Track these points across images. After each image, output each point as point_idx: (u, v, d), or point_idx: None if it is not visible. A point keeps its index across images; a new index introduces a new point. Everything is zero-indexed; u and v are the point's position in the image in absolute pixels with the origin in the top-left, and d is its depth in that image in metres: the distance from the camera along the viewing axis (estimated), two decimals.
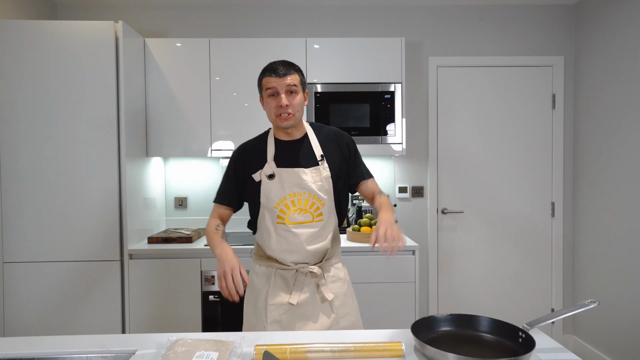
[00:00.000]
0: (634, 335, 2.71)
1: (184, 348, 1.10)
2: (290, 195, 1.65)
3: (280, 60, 1.67)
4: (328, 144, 1.74)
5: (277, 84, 1.60)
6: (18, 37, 2.53)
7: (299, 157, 1.69)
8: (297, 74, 1.65)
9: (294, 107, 1.62)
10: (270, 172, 1.66)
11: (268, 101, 1.64)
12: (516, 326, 1.18)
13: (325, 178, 1.68)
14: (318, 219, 1.68)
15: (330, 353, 1.11)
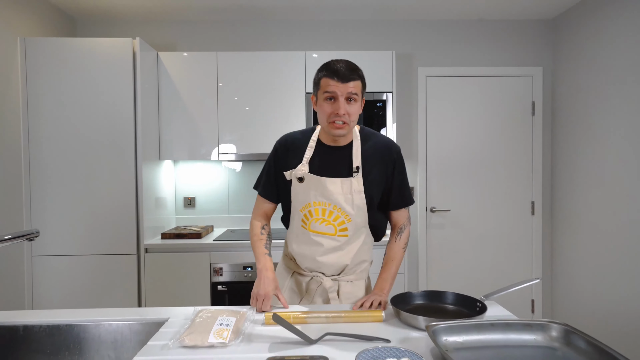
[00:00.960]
0: (610, 324, 2.99)
1: (209, 314, 1.37)
2: (315, 203, 1.57)
3: (343, 60, 1.51)
4: (372, 156, 1.59)
5: (337, 89, 1.45)
6: (48, 52, 2.80)
7: (333, 166, 1.58)
8: (360, 81, 1.50)
9: (351, 117, 1.49)
10: (301, 175, 1.57)
11: (323, 105, 1.50)
12: (475, 298, 1.46)
13: (356, 191, 1.55)
14: (342, 234, 1.59)
15: (324, 318, 1.39)
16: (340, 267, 1.65)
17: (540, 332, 1.21)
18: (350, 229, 1.59)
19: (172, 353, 1.17)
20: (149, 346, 1.22)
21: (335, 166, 1.57)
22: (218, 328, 1.27)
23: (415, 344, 1.21)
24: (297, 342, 1.24)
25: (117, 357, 1.43)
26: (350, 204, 1.56)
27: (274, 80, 3.19)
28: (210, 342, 1.21)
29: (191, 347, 1.20)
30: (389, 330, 1.33)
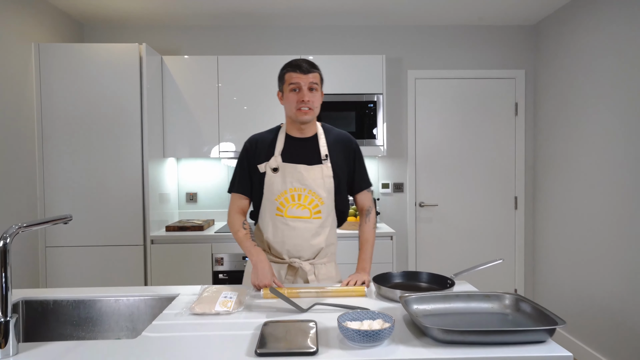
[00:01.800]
0: (587, 309, 3.21)
1: (214, 289, 1.58)
2: (291, 190, 1.72)
3: (302, 58, 1.75)
4: (335, 146, 1.80)
5: (300, 80, 1.67)
6: (60, 57, 3.01)
7: (304, 155, 1.76)
8: (318, 73, 1.73)
9: (314, 103, 1.71)
10: (275, 165, 1.73)
11: (289, 95, 1.71)
12: (446, 276, 1.67)
13: (326, 177, 1.74)
14: (316, 216, 1.75)
15: (315, 293, 1.60)
16: (316, 250, 1.80)
17: (497, 301, 1.42)
18: (323, 212, 1.76)
19: (184, 319, 1.38)
20: (164, 314, 1.43)
21: (305, 155, 1.76)
22: (223, 299, 1.48)
23: (391, 312, 1.42)
24: (290, 311, 1.45)
25: (134, 328, 1.63)
26: (322, 188, 1.74)
27: (271, 83, 3.38)
28: (217, 310, 1.42)
29: (200, 315, 1.41)
30: (370, 302, 1.54)
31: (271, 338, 1.19)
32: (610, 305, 2.87)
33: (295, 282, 1.81)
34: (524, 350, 1.13)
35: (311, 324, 1.29)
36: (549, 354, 1.11)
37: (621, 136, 2.79)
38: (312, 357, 1.11)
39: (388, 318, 1.24)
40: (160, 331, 1.28)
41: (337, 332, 1.25)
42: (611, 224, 2.86)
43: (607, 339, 2.91)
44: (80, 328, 1.62)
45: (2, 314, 1.09)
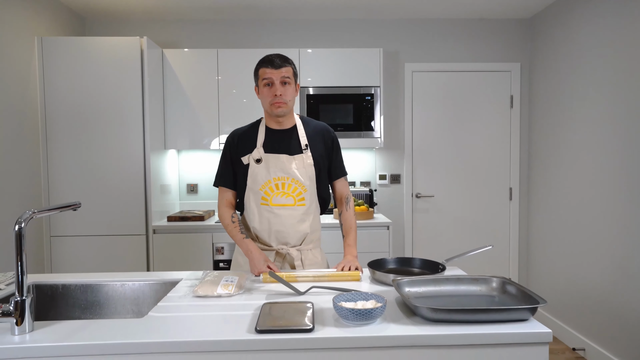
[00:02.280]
0: (579, 297, 3.30)
1: (216, 274, 1.66)
2: (275, 179, 1.80)
3: (275, 53, 1.81)
4: (314, 136, 1.88)
5: (272, 75, 1.74)
6: (63, 50, 3.07)
7: (285, 145, 1.83)
8: (291, 67, 1.78)
9: (287, 97, 1.76)
10: (258, 156, 1.80)
11: (263, 90, 1.78)
12: (438, 262, 1.75)
13: (307, 165, 1.82)
14: (300, 203, 1.83)
15: (312, 277, 1.67)
16: (302, 236, 1.87)
17: (484, 284, 1.50)
18: (306, 199, 1.84)
19: (188, 301, 1.46)
20: (168, 297, 1.50)
21: (287, 145, 1.84)
22: (224, 283, 1.55)
23: (385, 295, 1.49)
24: (288, 293, 1.52)
25: (139, 311, 1.71)
26: (305, 176, 1.82)
27: None
28: (218, 292, 1.49)
29: (203, 297, 1.49)
30: (364, 286, 1.62)
31: (270, 317, 1.27)
32: (600, 292, 2.95)
33: (283, 267, 1.88)
34: (507, 328, 1.20)
35: (308, 304, 1.36)
36: (530, 331, 1.19)
37: (614, 129, 2.85)
38: (309, 333, 1.18)
39: (380, 299, 1.31)
40: (165, 311, 1.36)
41: (332, 312, 1.33)
42: (602, 214, 2.94)
43: (597, 323, 3.00)
44: (88, 311, 1.69)
45: (18, 294, 1.16)
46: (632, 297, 2.68)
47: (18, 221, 1.16)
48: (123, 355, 1.14)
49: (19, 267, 1.16)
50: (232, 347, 1.16)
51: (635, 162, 2.66)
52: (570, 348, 3.23)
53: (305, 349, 1.17)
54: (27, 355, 1.12)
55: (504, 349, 1.19)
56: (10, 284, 1.64)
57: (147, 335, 1.17)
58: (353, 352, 1.18)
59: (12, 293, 1.58)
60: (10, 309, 1.14)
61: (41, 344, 1.12)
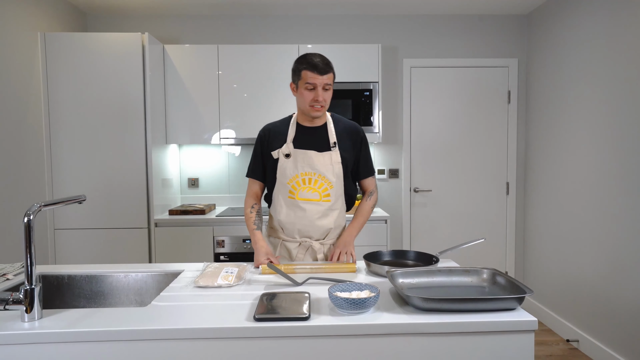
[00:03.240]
0: (573, 289, 3.36)
1: (216, 266, 1.71)
2: (302, 174, 1.87)
3: (319, 56, 1.84)
4: (343, 135, 1.94)
5: (316, 81, 1.79)
6: (65, 46, 3.11)
7: (314, 142, 1.90)
8: (332, 73, 1.84)
9: (326, 101, 1.84)
10: (288, 151, 1.88)
11: (304, 92, 1.82)
12: (432, 254, 1.80)
13: (335, 162, 1.88)
14: (325, 199, 1.90)
15: (309, 269, 1.73)
16: (325, 231, 1.94)
17: (475, 276, 1.55)
18: (332, 195, 1.91)
19: (189, 291, 1.51)
20: (170, 287, 1.56)
21: (316, 142, 1.91)
22: (224, 274, 1.61)
23: (379, 286, 1.55)
24: (286, 284, 1.58)
25: (142, 301, 1.77)
26: (331, 173, 1.89)
27: (270, 71, 3.49)
28: (219, 283, 1.55)
29: (204, 287, 1.54)
30: (360, 278, 1.67)
31: (268, 306, 1.32)
32: (593, 284, 3.01)
33: (305, 259, 1.96)
34: (495, 316, 1.26)
35: (305, 294, 1.42)
36: (516, 319, 1.24)
37: (610, 124, 2.90)
38: (305, 322, 1.24)
39: (374, 289, 1.37)
40: (167, 301, 1.41)
41: (328, 302, 1.38)
42: (597, 209, 2.99)
43: (591, 315, 3.05)
44: (92, 301, 1.75)
45: (27, 282, 1.21)
46: (625, 290, 2.74)
47: (27, 213, 1.22)
48: (128, 342, 1.19)
49: (29, 258, 1.22)
50: (232, 334, 1.21)
51: (629, 157, 2.71)
52: (564, 339, 3.29)
53: (301, 337, 1.23)
54: (37, 341, 1.17)
55: (492, 336, 1.24)
56: (18, 274, 1.69)
57: (151, 323, 1.23)
58: (347, 340, 1.23)
59: (20, 283, 1.64)
60: (21, 297, 1.20)
61: (50, 330, 1.17)
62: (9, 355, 1.17)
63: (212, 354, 1.21)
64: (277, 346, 1.22)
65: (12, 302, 1.20)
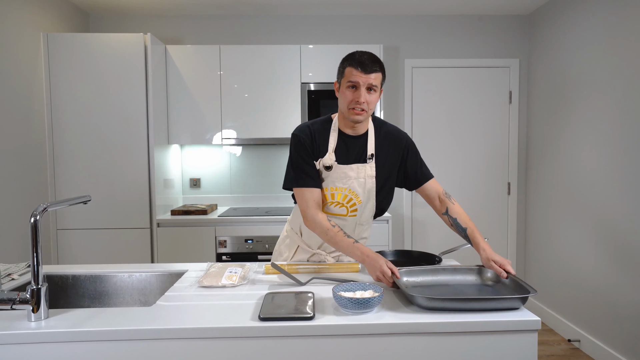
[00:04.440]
0: (574, 289, 3.36)
1: (220, 266, 1.72)
2: (332, 189, 1.71)
3: (367, 52, 1.62)
4: (384, 144, 1.75)
5: (360, 79, 1.57)
6: (68, 47, 3.12)
7: (352, 154, 1.71)
8: (381, 73, 1.61)
9: (369, 105, 1.61)
10: (329, 164, 1.69)
11: (345, 92, 1.62)
12: (434, 254, 1.81)
13: (368, 176, 1.71)
14: (352, 214, 1.76)
15: (312, 269, 1.73)
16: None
17: (479, 274, 1.56)
18: (359, 210, 1.76)
19: (194, 291, 1.52)
20: (175, 287, 1.57)
21: (353, 154, 1.72)
22: (228, 274, 1.61)
23: (382, 285, 1.55)
24: (290, 284, 1.58)
25: (146, 301, 1.77)
26: (362, 187, 1.71)
27: (272, 72, 3.50)
28: (223, 283, 1.55)
29: (208, 287, 1.55)
30: (363, 277, 1.68)
31: (273, 306, 1.33)
32: (595, 284, 3.01)
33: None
34: (499, 316, 1.26)
35: (309, 294, 1.43)
36: (520, 318, 1.25)
37: (612, 124, 2.90)
38: (309, 321, 1.24)
39: (377, 289, 1.37)
40: (172, 300, 1.42)
41: (332, 302, 1.39)
42: (599, 209, 2.99)
43: (592, 315, 3.06)
44: (97, 300, 1.76)
45: (34, 282, 1.22)
46: (626, 290, 2.74)
47: (33, 214, 1.22)
48: (134, 341, 1.20)
49: (35, 258, 1.23)
50: (237, 334, 1.22)
51: (630, 157, 2.71)
52: (566, 339, 3.30)
53: (306, 336, 1.23)
54: (43, 340, 1.18)
55: (496, 336, 1.25)
56: (23, 274, 1.70)
57: (156, 322, 1.24)
58: (352, 339, 1.24)
59: (25, 283, 1.64)
60: (27, 297, 1.21)
61: (56, 330, 1.18)
62: (16, 355, 1.17)
63: (217, 353, 1.22)
64: (282, 346, 1.23)
65: (19, 302, 1.20)
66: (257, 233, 3.28)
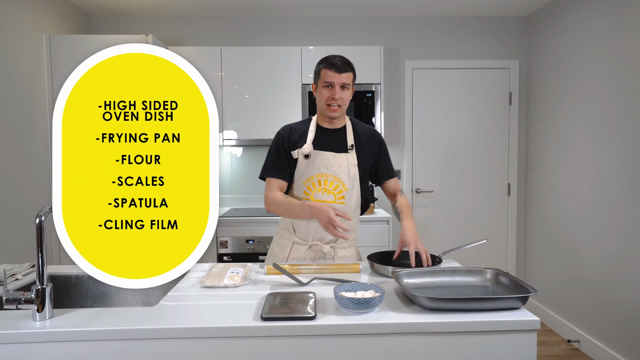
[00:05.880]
0: (573, 290, 3.37)
1: (222, 266, 1.73)
2: (318, 175, 1.86)
3: (339, 55, 1.85)
4: (362, 138, 1.94)
5: (333, 79, 1.78)
6: (70, 48, 3.13)
7: (333, 143, 1.89)
8: (352, 72, 1.83)
9: (344, 101, 1.83)
10: (307, 152, 1.87)
11: (322, 91, 1.82)
12: (435, 255, 1.82)
13: (351, 165, 1.87)
14: (340, 201, 1.88)
15: (314, 269, 1.75)
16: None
17: (479, 275, 1.57)
18: (346, 197, 1.88)
19: (196, 291, 1.53)
20: (177, 287, 1.58)
21: (334, 144, 1.90)
22: (230, 274, 1.63)
23: (383, 286, 1.56)
24: (291, 284, 1.60)
25: (148, 301, 1.79)
26: (347, 175, 1.87)
27: (273, 73, 3.52)
28: (225, 283, 1.57)
29: (210, 287, 1.56)
30: (364, 278, 1.69)
31: (275, 306, 1.34)
32: (594, 285, 3.02)
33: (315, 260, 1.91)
34: (499, 316, 1.28)
35: (310, 294, 1.44)
36: (520, 319, 1.26)
37: (611, 126, 2.91)
38: (311, 321, 1.26)
39: (379, 289, 1.39)
40: (175, 300, 1.44)
41: (333, 302, 1.40)
42: (598, 209, 3.01)
43: (592, 316, 3.07)
44: (99, 300, 1.77)
45: (39, 282, 1.23)
46: (626, 290, 2.75)
47: (38, 215, 1.24)
48: (138, 341, 1.21)
49: (40, 258, 1.24)
50: (240, 334, 1.23)
51: (630, 158, 2.73)
52: (565, 339, 3.31)
53: (307, 336, 1.25)
54: (48, 340, 1.19)
55: (496, 335, 1.26)
56: (27, 274, 1.71)
57: (160, 322, 1.25)
58: (353, 339, 1.25)
59: (29, 283, 1.66)
60: (32, 297, 1.22)
61: (61, 329, 1.20)
62: (21, 354, 1.19)
63: (220, 353, 1.23)
64: (284, 345, 1.24)
65: (24, 302, 1.22)
66: (258, 233, 3.29)
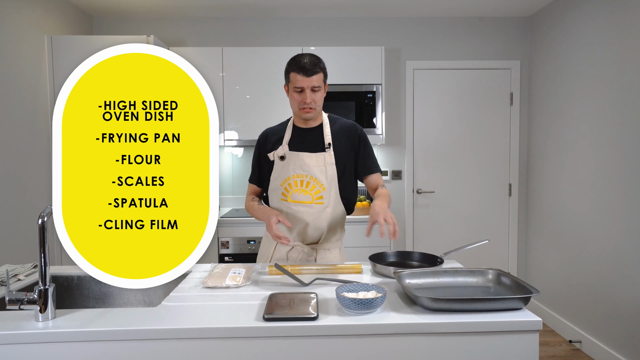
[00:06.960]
0: (574, 290, 3.37)
1: (224, 267, 1.73)
2: (294, 176, 1.85)
3: (309, 56, 1.78)
4: (339, 135, 1.90)
5: (304, 84, 1.76)
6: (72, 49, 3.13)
7: (309, 143, 1.87)
8: (322, 73, 1.79)
9: (316, 102, 1.80)
10: (282, 153, 1.87)
11: (293, 95, 1.81)
12: (436, 255, 1.82)
13: (328, 164, 1.84)
14: (318, 202, 1.86)
15: (315, 270, 1.75)
16: (319, 234, 1.91)
17: (480, 276, 1.57)
18: (325, 197, 1.86)
19: (198, 291, 1.54)
20: (179, 288, 1.58)
21: (310, 144, 1.88)
22: (232, 275, 1.63)
23: (385, 286, 1.56)
24: (293, 285, 1.60)
25: (150, 301, 1.79)
26: (324, 174, 1.85)
27: (273, 73, 3.50)
28: (227, 284, 1.57)
29: (212, 288, 1.56)
30: (365, 278, 1.69)
31: (277, 306, 1.34)
32: (596, 285, 3.02)
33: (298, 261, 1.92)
34: (501, 316, 1.28)
35: (312, 295, 1.44)
36: (522, 319, 1.26)
37: (612, 126, 2.91)
38: (313, 321, 1.26)
39: (380, 289, 1.39)
40: (177, 301, 1.44)
41: (335, 302, 1.40)
42: (599, 210, 3.00)
43: (594, 316, 3.07)
44: (101, 301, 1.77)
45: (42, 283, 1.24)
46: (627, 290, 2.75)
47: (41, 215, 1.24)
48: (140, 341, 1.22)
49: (42, 258, 1.24)
50: (242, 334, 1.23)
51: (631, 159, 2.73)
52: (567, 340, 3.31)
53: (310, 336, 1.25)
54: (51, 340, 1.19)
55: (498, 336, 1.26)
56: (29, 274, 1.72)
57: (162, 323, 1.25)
58: (355, 339, 1.25)
59: (32, 283, 1.66)
60: (35, 297, 1.22)
61: (64, 330, 1.20)
62: (23, 354, 1.19)
63: (222, 353, 1.23)
64: (286, 345, 1.24)
65: (27, 302, 1.22)
66: (259, 234, 3.29)
